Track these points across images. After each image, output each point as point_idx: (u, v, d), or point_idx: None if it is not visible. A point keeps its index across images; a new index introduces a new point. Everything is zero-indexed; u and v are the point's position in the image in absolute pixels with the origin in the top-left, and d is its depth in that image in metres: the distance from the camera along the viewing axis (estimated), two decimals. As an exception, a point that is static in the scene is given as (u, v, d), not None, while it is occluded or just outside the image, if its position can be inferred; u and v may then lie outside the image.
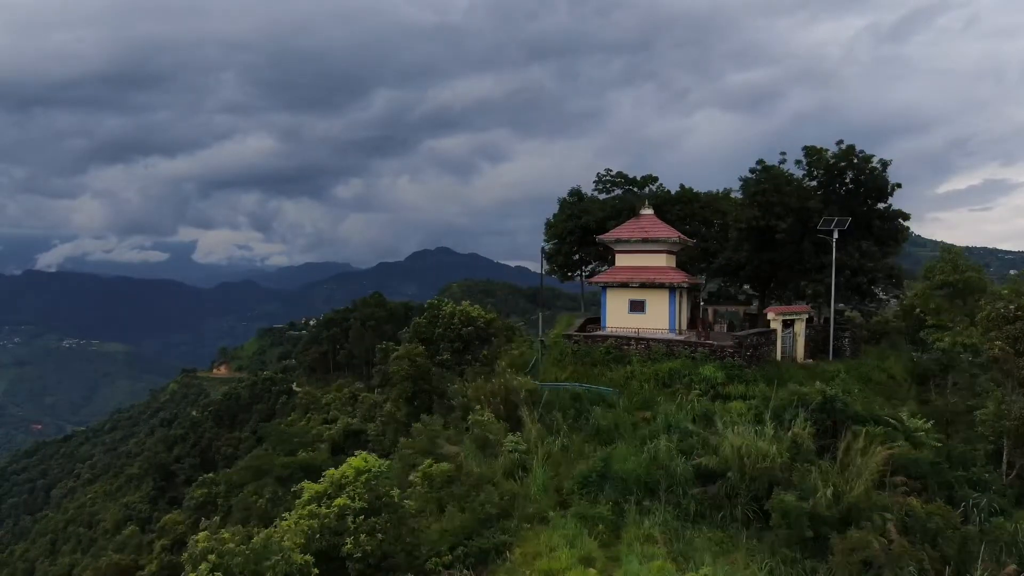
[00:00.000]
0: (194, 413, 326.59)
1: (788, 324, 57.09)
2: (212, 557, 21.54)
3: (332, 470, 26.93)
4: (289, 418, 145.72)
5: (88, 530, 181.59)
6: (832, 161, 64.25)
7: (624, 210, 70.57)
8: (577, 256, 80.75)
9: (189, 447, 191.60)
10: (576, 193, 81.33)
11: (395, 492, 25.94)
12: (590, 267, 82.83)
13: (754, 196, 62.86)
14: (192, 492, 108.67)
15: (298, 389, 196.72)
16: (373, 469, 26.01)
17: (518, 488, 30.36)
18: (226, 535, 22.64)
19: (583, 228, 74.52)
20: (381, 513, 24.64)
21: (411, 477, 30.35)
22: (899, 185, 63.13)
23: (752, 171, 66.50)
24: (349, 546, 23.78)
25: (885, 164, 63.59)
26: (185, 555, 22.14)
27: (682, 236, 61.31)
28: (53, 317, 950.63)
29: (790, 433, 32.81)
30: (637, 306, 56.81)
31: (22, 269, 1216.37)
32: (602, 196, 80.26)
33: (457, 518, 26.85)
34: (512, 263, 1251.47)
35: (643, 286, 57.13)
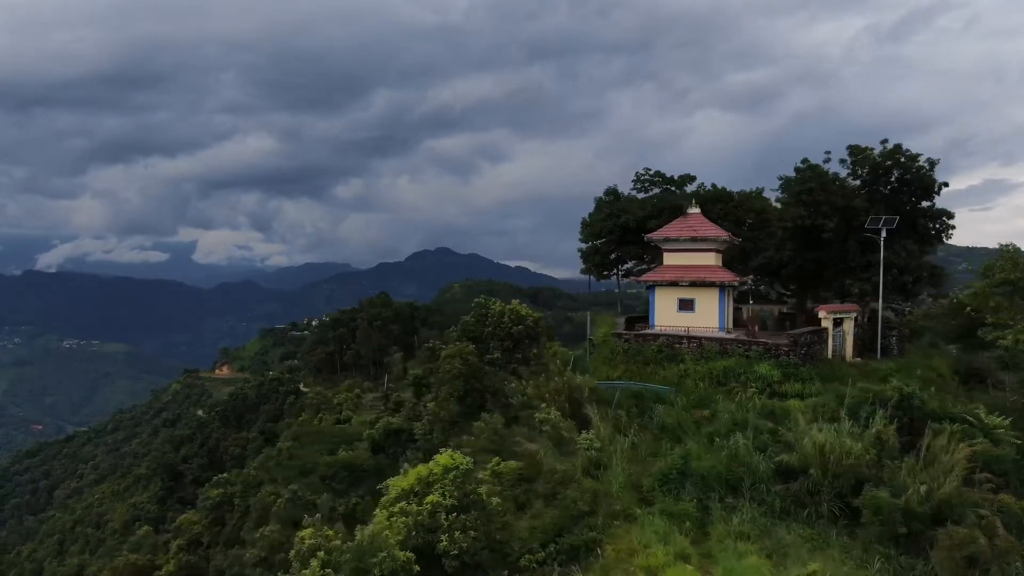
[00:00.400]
0: (200, 413, 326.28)
1: (837, 323, 56.71)
2: (320, 554, 20.95)
3: (421, 467, 26.22)
4: (300, 418, 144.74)
5: (96, 530, 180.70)
6: (878, 160, 63.74)
7: (665, 209, 70.15)
8: (614, 255, 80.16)
9: (197, 447, 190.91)
10: (612, 192, 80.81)
11: (482, 490, 25.37)
12: (625, 266, 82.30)
13: (799, 195, 62.26)
14: (208, 492, 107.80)
15: (306, 389, 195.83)
16: (461, 467, 25.42)
17: (599, 486, 29.74)
18: (330, 532, 22.08)
19: (623, 227, 73.96)
20: (470, 511, 24.03)
21: (479, 475, 29.66)
22: (946, 184, 62.96)
23: (796, 170, 66.07)
24: (445, 543, 23.17)
25: (933, 163, 63.25)
26: (292, 552, 21.50)
27: (731, 235, 61.08)
28: (53, 317, 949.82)
29: (873, 430, 32.17)
30: (686, 305, 56.34)
31: (22, 269, 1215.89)
32: (640, 195, 79.67)
33: (547, 515, 26.22)
34: (512, 263, 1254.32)
35: (693, 285, 56.77)
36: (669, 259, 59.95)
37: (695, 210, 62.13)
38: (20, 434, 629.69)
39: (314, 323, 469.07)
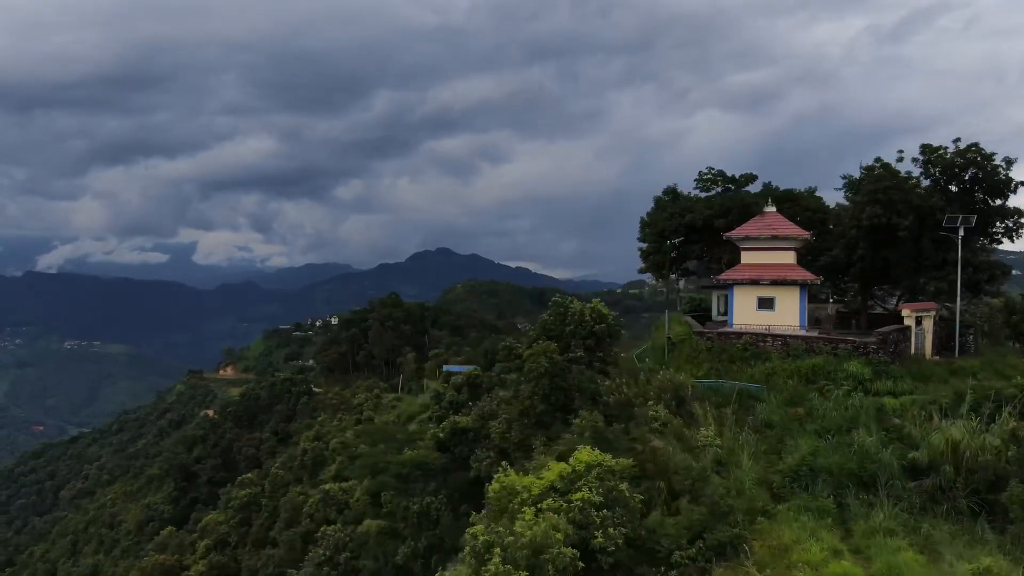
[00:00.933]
0: (211, 414, 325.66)
1: (917, 321, 56.24)
2: (497, 551, 20.05)
3: (564, 464, 25.46)
4: (320, 418, 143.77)
5: (110, 531, 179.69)
6: (951, 158, 63.26)
7: (732, 208, 69.67)
8: (674, 254, 79.36)
9: (210, 448, 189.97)
10: (671, 191, 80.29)
11: (624, 486, 24.57)
12: (683, 266, 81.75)
13: (875, 194, 61.54)
14: (234, 492, 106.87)
15: (318, 390, 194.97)
16: (604, 463, 24.69)
17: (731, 483, 29.02)
18: (501, 528, 21.19)
19: (687, 226, 73.32)
20: (615, 507, 23.30)
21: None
22: (1023, 183, 62.55)
23: (867, 168, 65.65)
24: (600, 539, 22.54)
25: (1010, 162, 62.81)
26: (466, 550, 20.66)
27: (811, 234, 61.43)
28: (54, 318, 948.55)
29: (1009, 426, 31.39)
30: (766, 303, 56.62)
31: (23, 271, 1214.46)
32: (703, 195, 78.93)
33: (695, 512, 25.50)
34: (512, 264, 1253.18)
35: (774, 283, 56.93)
36: (747, 258, 60.16)
37: (771, 209, 62.59)
38: (22, 435, 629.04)
39: (317, 323, 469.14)
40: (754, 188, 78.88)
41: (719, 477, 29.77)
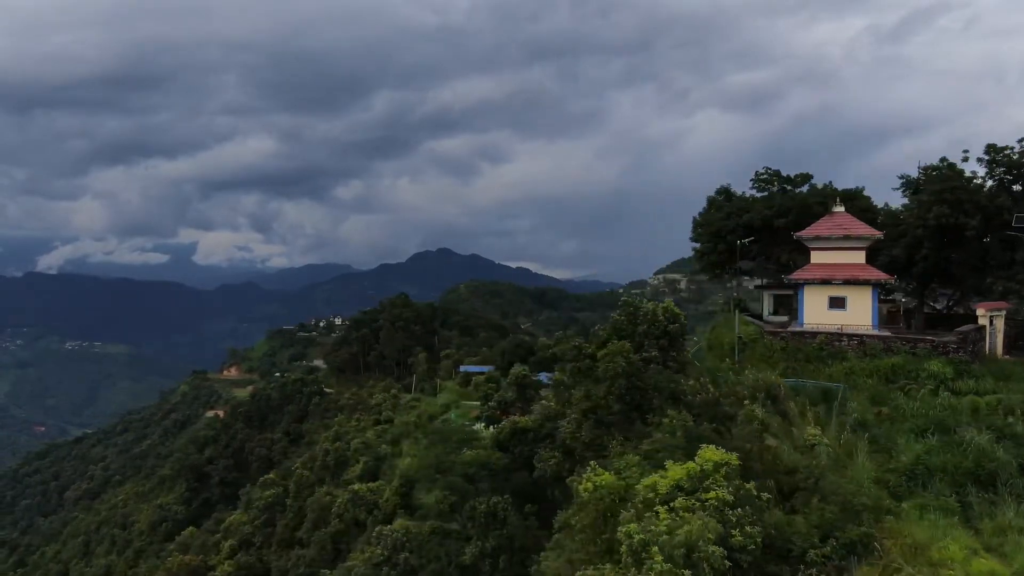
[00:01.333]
0: (220, 414, 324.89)
1: (990, 320, 56.01)
2: (655, 549, 19.37)
3: (690, 463, 24.76)
4: (337, 418, 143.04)
5: (123, 531, 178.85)
6: (1018, 159, 62.82)
7: (793, 208, 69.21)
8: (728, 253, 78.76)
9: (221, 448, 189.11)
10: (724, 191, 79.82)
11: (751, 485, 23.94)
12: (736, 265, 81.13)
13: (941, 194, 61.03)
14: (259, 493, 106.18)
15: (329, 390, 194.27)
16: (731, 463, 24.07)
17: (848, 481, 28.40)
18: (652, 527, 20.51)
19: (745, 226, 72.79)
20: (744, 506, 22.67)
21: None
22: None
23: (933, 168, 65.30)
24: (739, 538, 21.95)
25: None
26: (624, 548, 19.98)
27: (883, 234, 61.24)
28: (54, 319, 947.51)
29: None
30: (837, 303, 56.68)
31: (23, 271, 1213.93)
32: (759, 195, 78.38)
33: (825, 510, 24.93)
34: (513, 264, 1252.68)
35: (846, 283, 56.83)
36: (817, 257, 60.16)
37: (840, 209, 62.64)
38: (23, 436, 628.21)
39: (321, 324, 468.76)
40: (791, 188, 78.35)
41: (837, 476, 29.17)
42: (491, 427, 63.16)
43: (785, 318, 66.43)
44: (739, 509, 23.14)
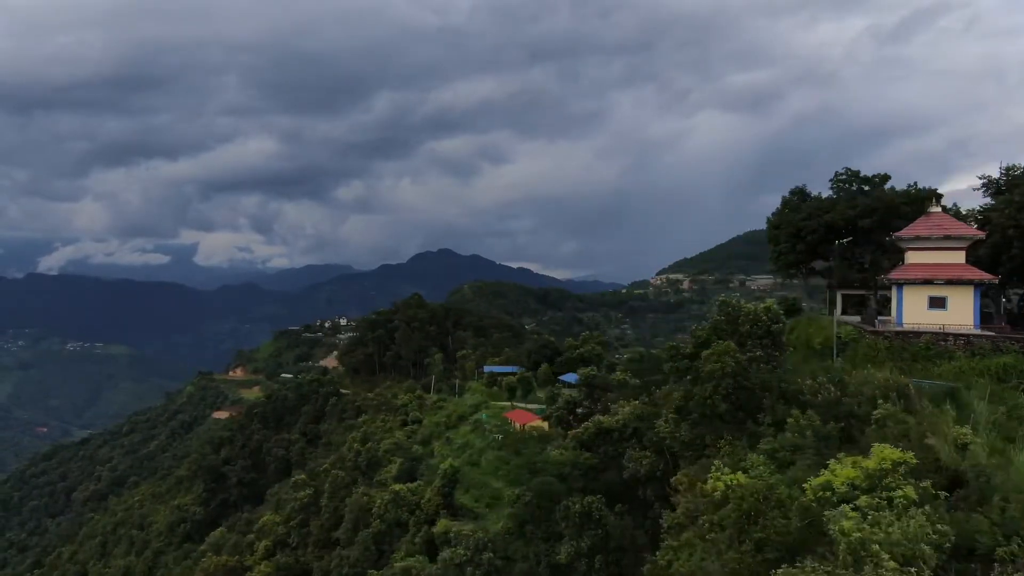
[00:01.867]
0: (228, 415, 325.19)
1: None
2: (875, 548, 20.22)
3: (867, 461, 25.47)
4: (362, 419, 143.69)
5: (141, 532, 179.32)
6: None
7: (878, 208, 69.70)
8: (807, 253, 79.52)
9: (237, 449, 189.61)
10: (799, 192, 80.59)
11: (926, 483, 24.65)
12: (810, 265, 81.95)
13: None
14: (293, 493, 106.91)
15: (345, 391, 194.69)
16: (908, 461, 24.77)
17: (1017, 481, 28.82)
18: (867, 526, 21.35)
19: (826, 226, 73.52)
20: (923, 504, 23.40)
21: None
22: None
23: (1010, 169, 65.98)
24: (934, 536, 22.55)
25: None
26: (842, 546, 20.72)
27: (984, 234, 60.97)
28: (56, 320, 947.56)
29: None
30: (937, 303, 56.55)
31: (24, 272, 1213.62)
32: (838, 196, 79.03)
33: (1007, 508, 25.39)
34: (514, 264, 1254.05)
35: (948, 283, 56.91)
36: (915, 258, 59.98)
37: (937, 209, 62.29)
38: (26, 437, 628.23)
39: (327, 325, 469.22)
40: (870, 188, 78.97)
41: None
42: (562, 428, 63.52)
43: (857, 318, 66.83)
44: (926, 507, 23.61)
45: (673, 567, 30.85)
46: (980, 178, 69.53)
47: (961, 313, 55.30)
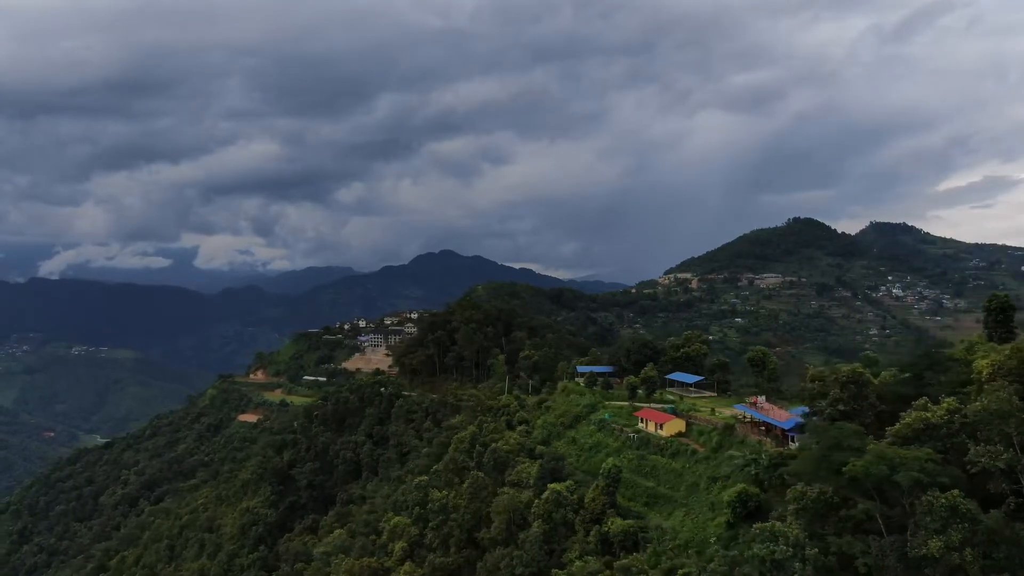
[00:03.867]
0: (258, 418, 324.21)
1: None
2: None
3: None
4: (456, 420, 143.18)
5: (211, 534, 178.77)
6: None
7: None
8: None
9: (302, 451, 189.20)
10: None
11: None
12: None
13: None
14: (431, 495, 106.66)
15: (408, 393, 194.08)
16: None
17: None
18: None
19: None
20: None
21: None
22: None
23: None
24: None
25: None
26: None
27: None
28: (60, 324, 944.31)
29: None
30: None
31: (26, 277, 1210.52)
32: None
33: None
34: (516, 265, 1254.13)
35: None
36: None
37: None
38: (34, 442, 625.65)
39: (346, 327, 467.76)
40: None
41: None
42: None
43: None
44: None
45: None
46: None
47: None
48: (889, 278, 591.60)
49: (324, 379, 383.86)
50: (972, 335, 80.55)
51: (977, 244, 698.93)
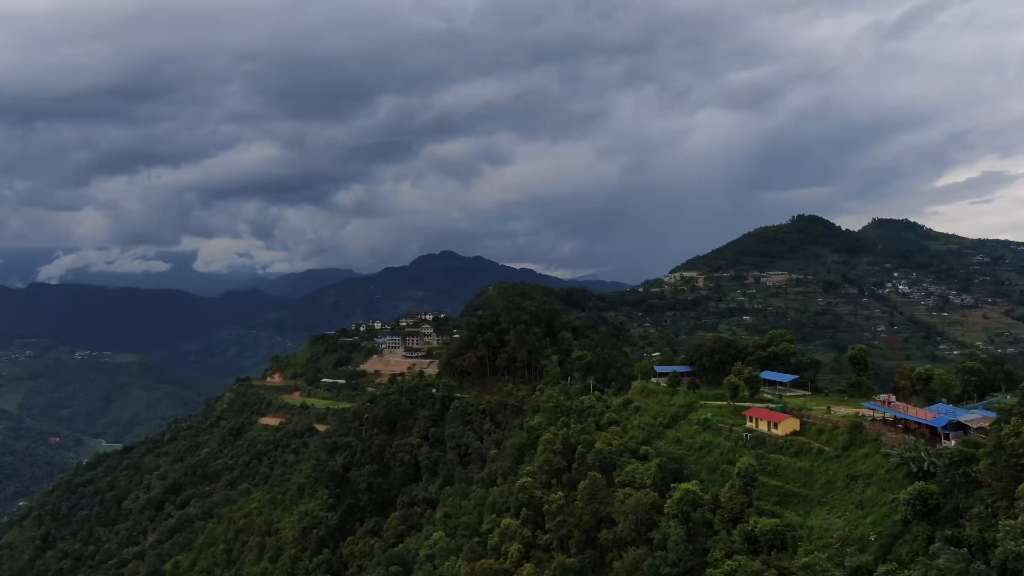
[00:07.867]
0: (280, 422, 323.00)
1: None
2: None
3: None
4: (535, 421, 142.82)
5: (271, 538, 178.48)
6: None
7: None
8: None
9: (357, 454, 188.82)
10: None
11: None
12: None
13: None
14: (550, 496, 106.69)
15: (463, 396, 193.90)
16: None
17: None
18: None
19: None
20: None
21: None
22: None
23: None
24: None
25: None
26: None
27: None
28: (62, 329, 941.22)
29: None
30: None
31: (27, 282, 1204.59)
32: None
33: None
34: (516, 265, 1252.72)
35: None
36: None
37: None
38: (39, 447, 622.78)
39: (362, 328, 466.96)
40: None
41: None
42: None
43: None
44: None
45: None
46: None
47: None
48: (895, 274, 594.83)
49: (343, 382, 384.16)
50: None
51: (979, 239, 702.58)
